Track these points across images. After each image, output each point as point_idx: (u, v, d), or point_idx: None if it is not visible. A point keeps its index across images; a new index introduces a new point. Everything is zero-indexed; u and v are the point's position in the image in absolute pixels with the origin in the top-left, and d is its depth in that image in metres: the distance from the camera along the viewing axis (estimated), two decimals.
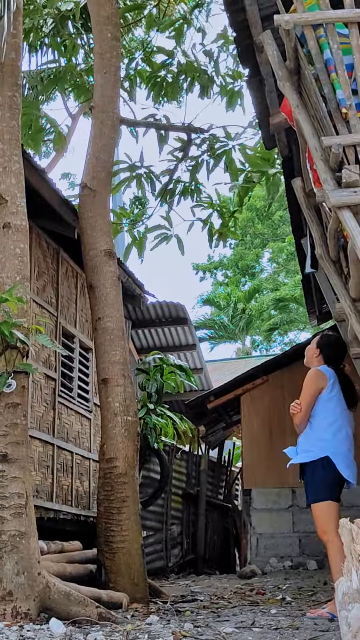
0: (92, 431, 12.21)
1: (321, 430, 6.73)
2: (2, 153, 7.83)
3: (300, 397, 6.82)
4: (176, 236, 12.72)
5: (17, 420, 6.88)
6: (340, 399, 6.82)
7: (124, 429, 9.13)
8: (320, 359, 7.00)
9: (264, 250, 42.97)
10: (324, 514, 6.59)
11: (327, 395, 6.78)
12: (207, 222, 13.06)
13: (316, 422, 6.78)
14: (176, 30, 13.43)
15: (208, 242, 13.43)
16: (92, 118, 10.50)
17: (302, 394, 6.81)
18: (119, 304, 9.78)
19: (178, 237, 12.74)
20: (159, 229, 12.67)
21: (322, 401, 6.78)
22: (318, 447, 6.70)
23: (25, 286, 7.40)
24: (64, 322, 11.28)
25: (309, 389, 6.79)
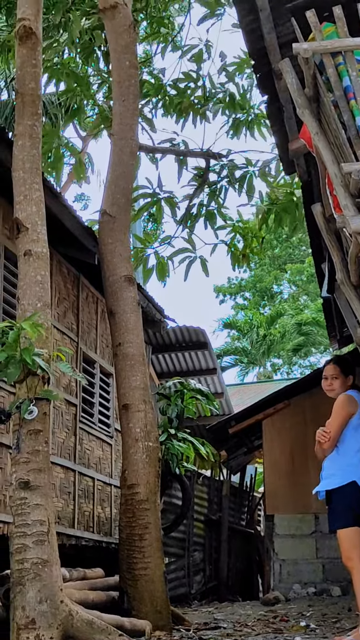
0: (113, 457, 12.19)
1: (349, 455, 6.66)
2: (23, 181, 7.88)
3: (328, 423, 6.72)
4: (201, 257, 12.75)
5: (39, 447, 6.88)
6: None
7: (145, 454, 9.11)
8: (349, 386, 6.93)
9: (282, 273, 42.95)
10: (349, 541, 6.52)
11: (357, 421, 6.70)
12: (232, 245, 13.08)
13: (344, 447, 6.70)
14: (195, 56, 13.52)
15: (232, 264, 13.44)
16: (111, 145, 10.57)
17: (331, 420, 6.69)
18: (139, 329, 9.80)
19: (202, 259, 12.77)
20: (183, 252, 12.69)
21: (351, 427, 6.69)
22: (345, 472, 6.62)
23: (46, 313, 7.43)
24: (84, 348, 11.30)
25: (339, 416, 6.68)
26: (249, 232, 13.30)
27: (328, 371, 6.98)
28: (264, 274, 42.57)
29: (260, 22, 6.22)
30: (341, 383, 6.90)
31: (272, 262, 42.26)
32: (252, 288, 43.57)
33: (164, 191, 12.64)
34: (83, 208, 26.67)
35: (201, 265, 12.79)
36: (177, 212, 13.14)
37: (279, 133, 7.86)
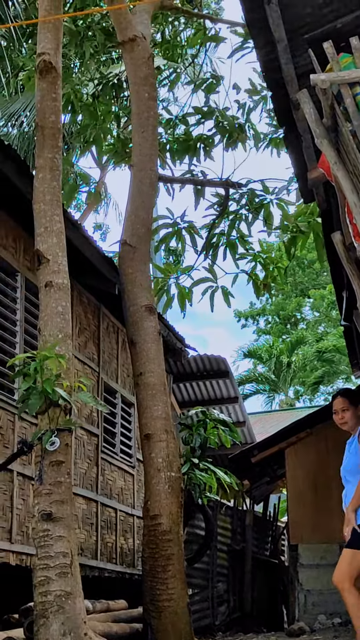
0: (136, 487, 12.16)
1: None
2: (44, 213, 7.96)
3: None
4: (222, 287, 12.76)
5: (61, 479, 6.89)
6: None
7: (167, 485, 9.08)
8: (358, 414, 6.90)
9: (305, 299, 42.86)
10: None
11: None
12: (252, 274, 13.09)
13: None
14: (208, 88, 13.62)
15: (255, 293, 13.43)
16: (131, 176, 10.65)
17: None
18: (160, 359, 9.80)
19: (224, 288, 12.77)
20: (205, 281, 12.71)
21: None
22: None
23: (67, 344, 7.46)
24: (105, 378, 11.32)
25: None
26: (270, 261, 13.29)
27: (337, 405, 6.97)
28: (286, 301, 42.50)
29: (278, 53, 6.27)
30: (352, 414, 6.89)
31: (295, 288, 42.18)
32: (275, 315, 43.49)
33: (184, 221, 12.70)
34: (102, 238, 26.76)
35: (223, 296, 12.80)
36: (197, 241, 13.17)
37: (297, 162, 7.89)
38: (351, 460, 6.83)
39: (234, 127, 12.91)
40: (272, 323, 43.78)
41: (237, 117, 13.09)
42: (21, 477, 8.64)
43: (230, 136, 12.92)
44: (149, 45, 11.10)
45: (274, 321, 43.71)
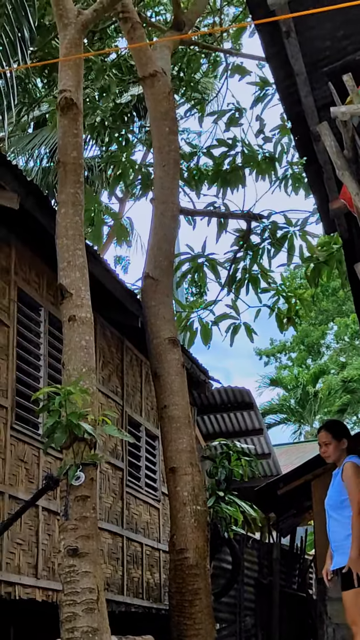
0: (161, 521, 12.09)
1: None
2: (67, 248, 8.00)
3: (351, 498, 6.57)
4: (245, 324, 12.74)
5: (87, 514, 6.86)
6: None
7: (193, 518, 9.03)
8: (344, 449, 6.85)
9: (329, 326, 42.66)
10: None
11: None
12: (274, 308, 13.07)
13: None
14: (231, 120, 13.70)
15: (278, 328, 13.39)
16: (153, 209, 10.71)
17: (352, 494, 6.57)
18: (184, 391, 9.79)
19: (247, 325, 12.75)
20: (227, 318, 12.70)
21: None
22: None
23: (91, 378, 7.47)
24: (129, 411, 11.30)
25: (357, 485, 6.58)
26: (292, 295, 13.27)
27: (320, 438, 6.95)
28: (310, 328, 42.29)
29: (297, 86, 6.30)
30: (334, 448, 6.86)
31: (319, 316, 42.00)
32: (299, 343, 43.26)
33: (205, 255, 12.71)
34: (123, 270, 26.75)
35: (246, 331, 12.77)
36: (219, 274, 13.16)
37: (318, 193, 7.91)
38: (333, 494, 6.77)
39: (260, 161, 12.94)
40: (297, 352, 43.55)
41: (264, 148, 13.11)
42: (46, 512, 8.62)
43: (259, 168, 12.95)
44: (169, 80, 11.20)
45: (297, 350, 43.48)
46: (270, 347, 43.97)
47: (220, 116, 14.12)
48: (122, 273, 25.38)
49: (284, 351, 44.00)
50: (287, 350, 43.86)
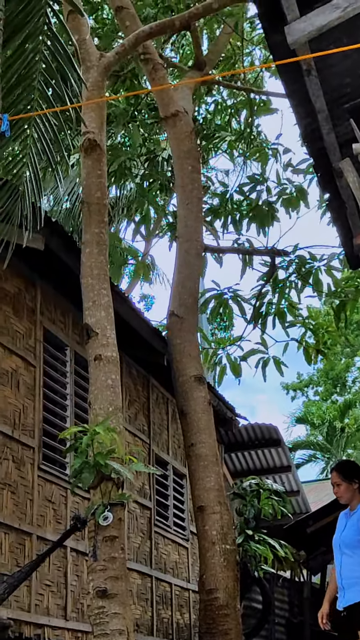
0: (190, 560, 11.99)
1: None
2: (92, 287, 8.03)
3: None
4: (274, 358, 12.69)
5: (115, 554, 6.81)
6: None
7: (222, 558, 8.94)
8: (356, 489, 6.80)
9: (354, 361, 42.37)
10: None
11: None
12: (302, 342, 13.02)
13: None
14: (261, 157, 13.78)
15: (305, 361, 13.32)
16: (177, 247, 10.75)
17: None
18: (211, 429, 9.74)
19: (276, 359, 12.70)
20: (255, 353, 12.66)
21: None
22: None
23: (118, 417, 7.46)
24: (156, 449, 11.26)
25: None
26: (319, 327, 13.22)
27: (332, 479, 6.91)
28: (337, 360, 42.01)
29: (319, 123, 6.33)
30: (345, 489, 6.80)
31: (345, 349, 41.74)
32: (324, 377, 42.98)
33: (230, 290, 12.71)
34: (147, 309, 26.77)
35: (275, 366, 12.71)
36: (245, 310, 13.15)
37: (342, 229, 7.89)
38: (349, 534, 6.71)
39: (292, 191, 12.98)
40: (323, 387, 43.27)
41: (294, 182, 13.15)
42: (75, 553, 8.58)
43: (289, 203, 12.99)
44: (190, 119, 11.30)
45: (323, 384, 43.18)
46: (297, 382, 43.71)
47: (251, 155, 14.23)
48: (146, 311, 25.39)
49: (311, 385, 43.74)
50: (314, 384, 43.59)
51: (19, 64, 5.22)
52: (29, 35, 5.13)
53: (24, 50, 5.19)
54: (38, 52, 5.24)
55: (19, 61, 5.20)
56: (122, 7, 10.72)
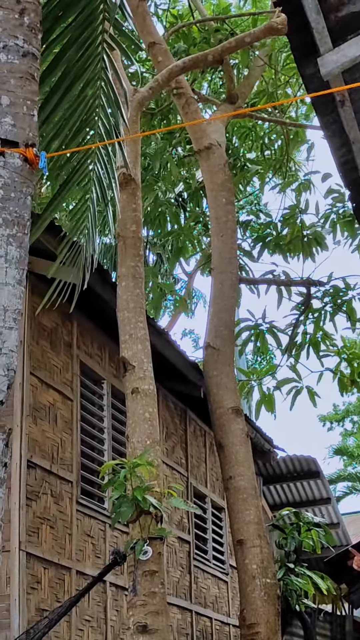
0: (230, 595, 11.87)
1: None
2: (128, 321, 8.05)
3: None
4: (307, 387, 12.60)
5: (155, 589, 6.76)
6: None
7: (263, 592, 8.83)
8: None
9: None
10: None
11: None
12: (337, 372, 12.92)
13: None
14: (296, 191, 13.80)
15: (340, 391, 13.21)
16: (212, 279, 10.75)
17: None
18: (249, 461, 9.67)
19: (309, 389, 12.61)
20: (289, 382, 12.59)
21: None
22: None
23: (156, 450, 7.43)
24: (194, 482, 11.20)
25: None
26: (355, 357, 13.11)
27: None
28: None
29: (354, 153, 6.32)
30: None
31: None
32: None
33: (266, 322, 12.68)
34: (194, 346, 26.52)
35: (309, 395, 12.63)
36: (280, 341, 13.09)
37: None
38: None
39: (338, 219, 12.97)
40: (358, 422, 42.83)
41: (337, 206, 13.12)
42: (114, 588, 8.53)
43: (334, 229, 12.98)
44: (224, 152, 11.34)
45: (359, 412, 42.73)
46: (333, 413, 43.33)
47: (284, 187, 14.26)
48: (192, 348, 25.24)
49: (348, 416, 43.32)
50: (350, 414, 43.18)
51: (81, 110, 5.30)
52: (89, 82, 5.21)
53: (85, 96, 5.27)
54: (97, 97, 5.33)
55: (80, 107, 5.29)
56: (155, 42, 10.82)
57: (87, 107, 5.36)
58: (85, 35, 5.02)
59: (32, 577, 7.34)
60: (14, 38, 3.12)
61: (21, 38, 3.13)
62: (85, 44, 5.04)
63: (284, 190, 14.33)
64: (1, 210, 2.97)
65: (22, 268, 3.01)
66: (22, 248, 3.04)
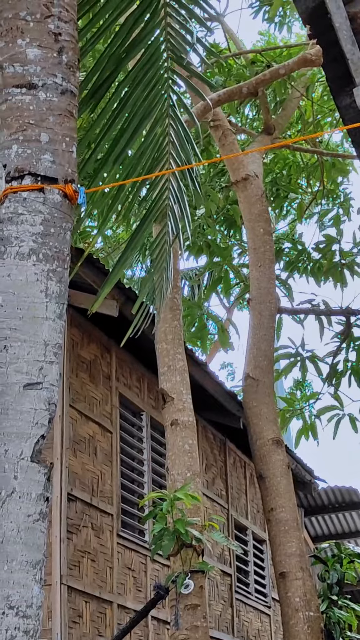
0: (273, 628, 11.73)
1: None
2: (167, 352, 8.06)
3: None
4: (349, 415, 12.50)
5: (198, 623, 6.70)
6: None
7: (306, 625, 8.70)
8: None
9: None
10: None
11: None
12: None
13: None
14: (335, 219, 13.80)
15: None
16: (250, 310, 10.73)
17: None
18: (290, 493, 9.58)
19: (351, 416, 12.51)
20: (331, 410, 12.50)
21: None
22: None
23: (196, 482, 7.40)
24: (235, 515, 11.13)
25: None
26: None
27: None
28: None
29: None
30: None
31: None
32: None
33: (306, 350, 12.62)
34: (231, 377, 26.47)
35: (350, 423, 12.52)
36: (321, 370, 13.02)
37: None
38: None
39: None
40: None
41: None
42: (156, 622, 8.47)
43: None
44: (261, 182, 11.38)
45: None
46: None
47: (322, 216, 14.27)
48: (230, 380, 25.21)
49: None
50: None
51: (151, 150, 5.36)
52: (157, 120, 5.27)
53: (155, 135, 5.33)
54: (167, 134, 5.38)
55: (150, 146, 5.35)
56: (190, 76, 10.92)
57: (157, 145, 5.41)
58: (150, 74, 5.08)
59: (73, 611, 7.32)
60: (53, 76, 3.17)
61: (59, 76, 3.18)
62: (150, 83, 5.10)
63: (322, 220, 14.34)
64: (41, 245, 3.00)
65: (62, 302, 3.04)
66: (62, 283, 3.06)
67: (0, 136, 3.13)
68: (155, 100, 5.20)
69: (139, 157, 5.36)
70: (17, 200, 3.04)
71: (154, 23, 5.00)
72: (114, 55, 4.86)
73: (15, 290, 2.94)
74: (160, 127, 5.38)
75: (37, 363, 2.89)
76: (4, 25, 3.21)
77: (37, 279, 2.97)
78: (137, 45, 4.97)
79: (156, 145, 5.42)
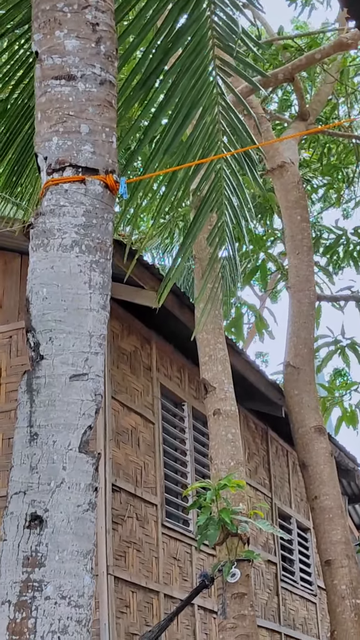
0: (319, 616, 11.70)
1: None
2: (207, 342, 8.04)
3: None
4: None
5: (245, 611, 6.69)
6: None
7: (353, 613, 8.66)
8: None
9: None
10: None
11: None
12: None
13: None
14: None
15: None
16: (290, 298, 10.67)
17: None
18: (334, 480, 9.53)
19: None
20: None
21: None
22: None
23: (240, 471, 7.38)
24: (278, 503, 11.10)
25: None
26: None
27: None
28: None
29: None
30: None
31: None
32: None
33: (346, 338, 12.55)
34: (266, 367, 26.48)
35: None
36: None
37: None
38: None
39: None
40: None
41: None
42: (202, 611, 8.49)
43: None
44: (297, 169, 11.29)
45: None
46: None
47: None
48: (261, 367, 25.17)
49: None
50: None
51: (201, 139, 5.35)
52: (206, 109, 5.25)
53: (205, 124, 5.31)
54: (217, 122, 5.37)
55: (200, 135, 5.34)
56: None
57: (207, 134, 5.39)
58: (197, 63, 5.06)
59: (120, 601, 7.36)
60: (91, 67, 3.16)
61: (98, 66, 3.17)
62: (197, 72, 5.08)
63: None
64: (84, 237, 3.00)
65: (105, 293, 3.04)
66: (105, 274, 3.06)
67: (40, 128, 3.13)
68: (203, 89, 5.18)
69: (189, 147, 5.33)
70: (59, 192, 3.04)
71: (199, 11, 4.98)
72: (161, 46, 4.85)
73: (59, 282, 2.95)
74: (210, 115, 5.35)
75: (83, 354, 2.89)
76: (42, 17, 3.21)
77: (80, 270, 2.97)
78: (183, 34, 4.95)
79: (206, 134, 5.40)
